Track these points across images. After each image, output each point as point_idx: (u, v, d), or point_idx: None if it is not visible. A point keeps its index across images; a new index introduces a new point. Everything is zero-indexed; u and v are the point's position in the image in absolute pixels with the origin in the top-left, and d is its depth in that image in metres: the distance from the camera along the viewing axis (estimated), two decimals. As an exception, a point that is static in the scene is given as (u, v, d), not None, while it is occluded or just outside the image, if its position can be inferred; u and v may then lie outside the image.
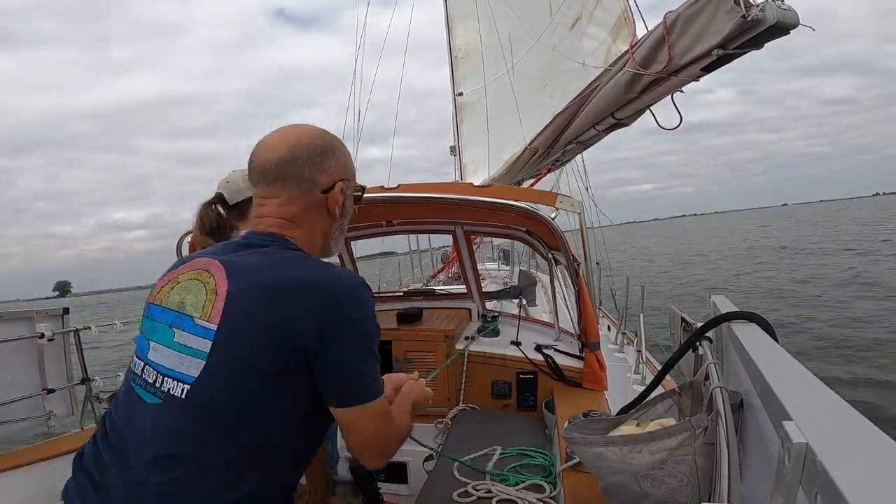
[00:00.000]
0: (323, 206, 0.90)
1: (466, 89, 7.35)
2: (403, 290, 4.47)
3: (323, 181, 0.89)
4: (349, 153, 0.95)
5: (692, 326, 1.22)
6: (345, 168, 0.92)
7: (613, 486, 0.97)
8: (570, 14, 3.99)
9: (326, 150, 0.90)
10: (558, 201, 2.46)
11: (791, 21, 1.71)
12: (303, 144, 0.88)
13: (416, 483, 2.14)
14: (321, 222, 0.91)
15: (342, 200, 0.92)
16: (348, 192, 0.94)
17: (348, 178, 0.93)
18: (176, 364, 0.78)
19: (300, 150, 0.87)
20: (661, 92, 2.28)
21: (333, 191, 0.90)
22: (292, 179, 0.87)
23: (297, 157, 0.87)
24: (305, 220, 0.89)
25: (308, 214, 0.89)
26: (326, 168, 0.89)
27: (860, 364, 6.49)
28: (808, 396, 0.60)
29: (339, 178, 0.90)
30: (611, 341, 3.96)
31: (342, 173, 0.91)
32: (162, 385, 0.78)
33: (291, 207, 0.88)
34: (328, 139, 0.91)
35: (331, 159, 0.90)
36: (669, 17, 2.09)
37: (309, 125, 0.93)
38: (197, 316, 0.80)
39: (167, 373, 0.79)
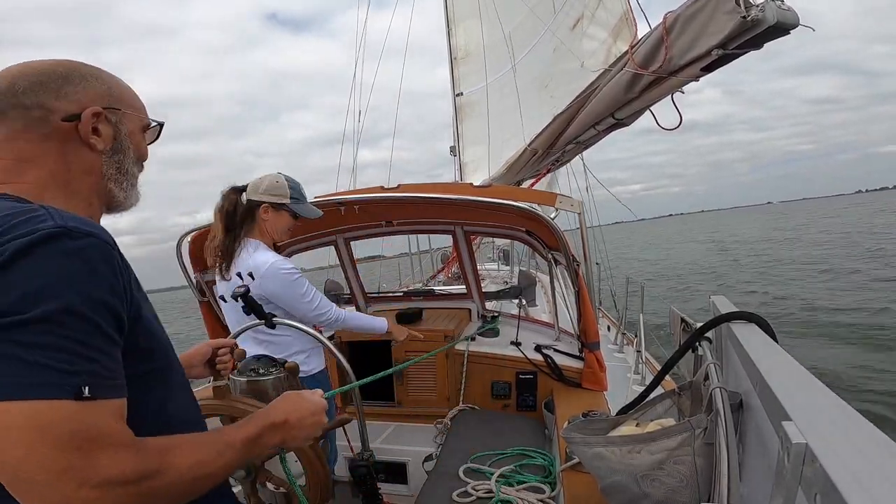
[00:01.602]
0: (71, 138, 0.71)
1: (466, 89, 7.35)
2: (403, 290, 4.47)
3: (61, 107, 0.70)
4: (121, 84, 0.78)
5: (692, 327, 1.23)
6: (105, 95, 0.74)
7: (613, 486, 0.97)
8: (573, 14, 3.99)
9: (68, 74, 0.72)
10: (558, 201, 2.46)
11: (791, 21, 1.71)
12: (28, 73, 0.70)
13: (416, 483, 2.14)
14: (77, 158, 0.72)
15: (108, 131, 0.74)
16: (120, 121, 0.76)
17: (114, 107, 0.75)
18: None
19: (21, 77, 0.69)
20: (662, 92, 2.28)
21: (82, 117, 0.71)
22: (13, 110, 0.68)
23: (15, 84, 0.69)
24: (43, 158, 0.69)
25: (46, 150, 0.69)
26: (68, 93, 0.70)
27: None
28: (808, 397, 0.60)
29: (95, 105, 0.72)
30: (610, 341, 3.96)
31: (100, 100, 0.73)
32: None
33: (19, 143, 0.69)
34: (74, 65, 0.74)
35: (75, 84, 0.71)
36: (669, 17, 2.09)
37: (55, 59, 0.75)
38: None
39: None
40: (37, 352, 0.52)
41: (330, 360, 2.56)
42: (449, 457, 1.94)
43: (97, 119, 0.72)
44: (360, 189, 3.07)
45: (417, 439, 2.36)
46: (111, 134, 0.75)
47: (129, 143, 0.78)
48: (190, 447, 0.64)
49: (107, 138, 0.74)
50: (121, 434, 0.57)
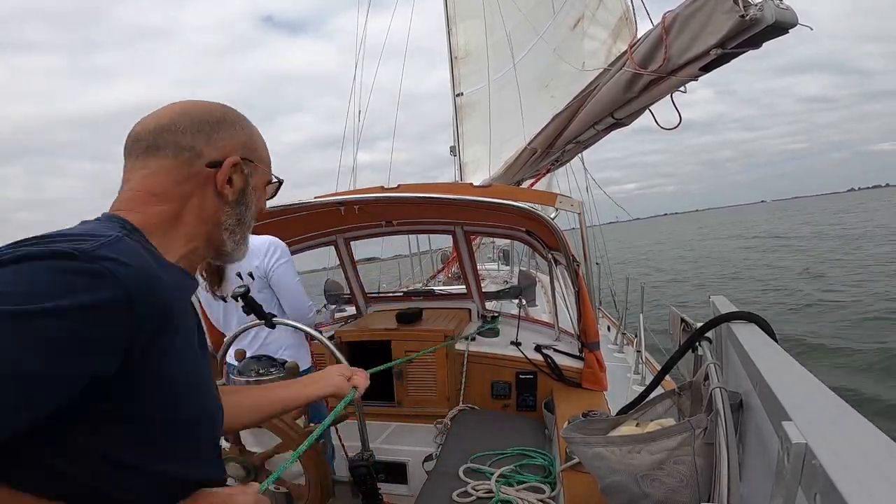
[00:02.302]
0: (209, 183, 0.73)
1: (466, 90, 7.35)
2: (403, 291, 4.47)
3: (209, 153, 0.72)
4: (258, 134, 0.80)
5: (692, 327, 1.22)
6: (246, 146, 0.77)
7: (613, 486, 0.97)
8: (573, 14, 3.99)
9: (220, 120, 0.74)
10: (558, 201, 2.46)
11: (789, 20, 1.71)
12: (188, 111, 0.73)
13: (416, 483, 2.14)
14: (206, 203, 0.73)
15: (239, 182, 0.75)
16: (251, 175, 0.77)
17: (251, 159, 0.77)
18: None
19: (183, 117, 0.72)
20: (661, 91, 2.28)
21: (223, 166, 0.73)
22: (168, 148, 0.70)
23: (177, 123, 0.71)
24: (176, 194, 0.70)
25: (182, 188, 0.71)
26: (217, 139, 0.73)
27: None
28: (808, 397, 0.60)
29: (236, 154, 0.75)
30: (610, 341, 3.96)
31: (240, 150, 0.75)
32: None
33: (160, 178, 0.70)
34: (226, 111, 0.76)
35: (224, 131, 0.74)
36: (668, 17, 2.09)
37: (215, 102, 0.77)
38: None
39: None
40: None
41: (330, 360, 2.56)
42: (449, 457, 1.94)
43: (234, 169, 0.74)
44: (360, 189, 3.07)
45: (417, 439, 2.36)
46: (241, 186, 0.76)
47: (253, 197, 0.79)
48: None
49: (237, 189, 0.75)
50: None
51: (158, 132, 0.71)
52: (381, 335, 2.66)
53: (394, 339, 2.61)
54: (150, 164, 0.71)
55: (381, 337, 2.66)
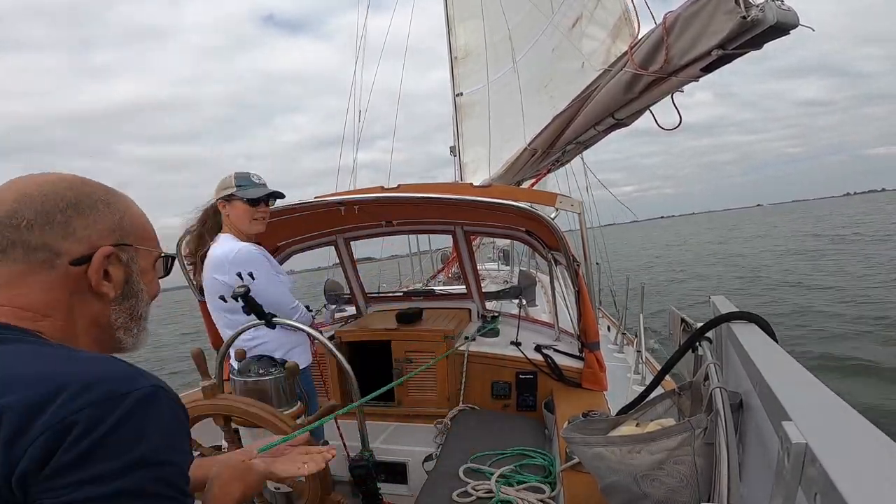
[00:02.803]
0: (81, 284, 0.61)
1: (465, 90, 7.35)
2: (403, 291, 4.47)
3: (69, 248, 0.59)
4: (130, 206, 0.67)
5: (692, 327, 1.23)
6: (116, 227, 0.63)
7: (613, 486, 0.97)
8: (571, 14, 3.98)
9: (75, 203, 0.60)
10: (558, 201, 2.46)
11: (791, 21, 1.71)
12: (31, 199, 0.59)
13: (416, 483, 2.14)
14: (85, 308, 0.62)
15: (119, 274, 0.63)
16: (132, 260, 0.65)
17: (126, 243, 0.64)
18: None
19: (25, 207, 0.58)
20: (661, 92, 2.28)
21: (93, 261, 0.60)
22: (15, 249, 0.58)
23: (18, 215, 0.58)
24: (52, 308, 0.59)
25: (53, 297, 0.59)
26: (75, 228, 0.60)
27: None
28: (808, 397, 0.60)
29: (105, 242, 0.62)
30: (610, 341, 3.96)
31: (109, 235, 0.63)
32: None
33: (20, 290, 0.58)
34: (80, 189, 0.62)
35: (83, 216, 0.61)
36: (669, 18, 2.09)
37: (59, 174, 0.63)
38: None
39: None
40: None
41: (330, 360, 2.56)
42: (449, 457, 1.94)
43: (108, 261, 0.62)
44: (360, 189, 3.07)
45: (417, 439, 2.36)
46: (122, 277, 0.65)
47: (141, 283, 0.68)
48: None
49: (118, 283, 0.64)
50: None
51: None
52: (381, 335, 2.67)
53: (394, 339, 2.61)
54: (1, 273, 0.58)
55: (381, 337, 2.66)
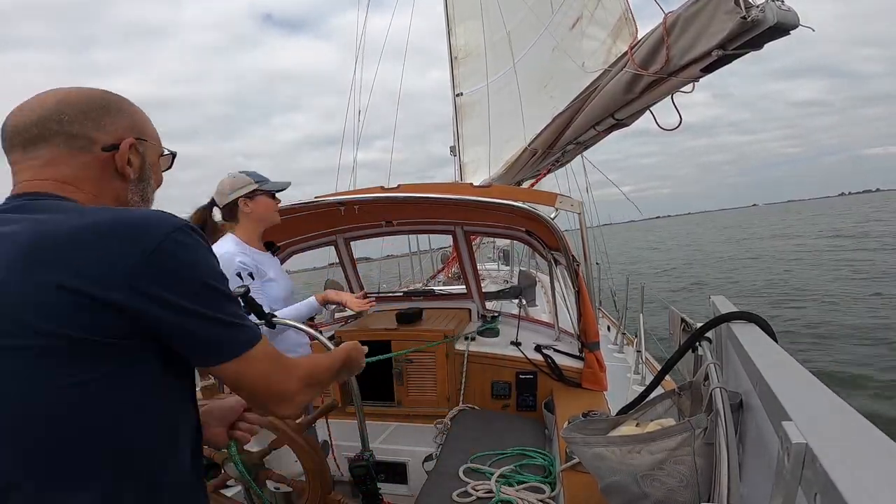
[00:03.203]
0: (107, 167, 0.77)
1: (466, 90, 7.35)
2: (403, 291, 4.47)
3: (102, 138, 0.75)
4: (143, 114, 0.83)
5: (692, 327, 1.23)
6: (134, 126, 0.80)
7: (613, 486, 0.97)
8: (571, 14, 3.98)
9: (106, 105, 0.77)
10: (558, 201, 2.46)
11: (791, 22, 1.71)
12: (70, 100, 0.74)
13: (416, 483, 2.14)
14: (109, 186, 0.77)
15: (137, 161, 0.79)
16: (146, 152, 0.81)
17: (141, 138, 0.81)
18: None
19: (66, 105, 0.73)
20: (662, 92, 2.28)
21: (120, 148, 0.77)
22: (58, 137, 0.73)
23: (62, 111, 0.73)
24: (85, 183, 0.74)
25: (88, 175, 0.75)
26: (106, 125, 0.76)
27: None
28: (808, 397, 0.60)
29: (127, 136, 0.78)
30: (610, 341, 3.96)
31: (131, 131, 0.79)
32: None
33: (62, 167, 0.73)
34: (108, 96, 0.79)
35: (112, 115, 0.77)
36: (669, 18, 2.09)
37: (87, 87, 0.79)
38: None
39: None
40: (238, 312, 0.74)
41: None
42: (449, 457, 1.94)
43: (130, 150, 0.78)
44: (360, 189, 3.07)
45: (417, 439, 2.36)
46: (139, 164, 0.80)
47: (151, 172, 0.84)
48: (318, 362, 0.94)
49: (136, 168, 0.80)
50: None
51: (43, 123, 0.72)
52: (381, 335, 2.67)
53: (394, 340, 2.61)
54: (42, 155, 0.73)
55: (381, 337, 2.66)
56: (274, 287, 1.95)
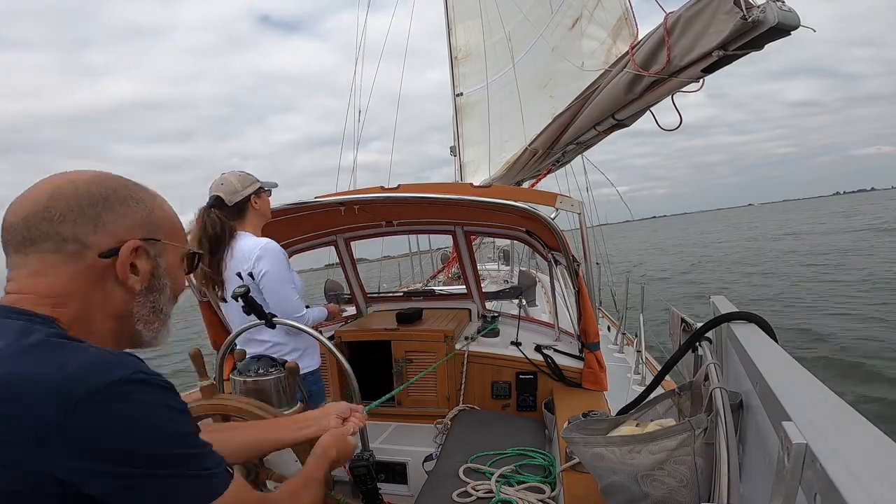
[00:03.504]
0: (106, 276, 0.64)
1: (465, 90, 7.35)
2: (403, 291, 4.47)
3: (99, 241, 0.63)
4: (160, 203, 0.70)
5: (692, 327, 1.23)
6: (145, 223, 0.67)
7: (613, 486, 0.97)
8: (571, 14, 3.98)
9: (105, 198, 0.64)
10: (558, 201, 2.47)
11: (792, 22, 1.71)
12: (65, 193, 0.62)
13: (416, 483, 2.14)
14: (108, 298, 0.65)
15: (147, 267, 0.67)
16: (160, 255, 0.69)
17: (155, 238, 0.68)
18: None
19: (59, 200, 0.62)
20: (662, 93, 2.28)
21: (120, 254, 0.64)
22: (47, 241, 0.61)
23: (50, 209, 0.61)
24: (72, 297, 0.62)
25: (77, 286, 0.62)
26: (104, 223, 0.63)
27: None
28: (808, 397, 0.60)
29: (133, 237, 0.65)
30: (611, 341, 3.96)
31: (138, 230, 0.66)
32: None
33: (47, 277, 0.61)
34: (111, 184, 0.65)
35: (113, 211, 0.64)
36: (670, 18, 2.09)
37: (92, 171, 0.66)
38: None
39: None
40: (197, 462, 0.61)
41: (330, 360, 2.56)
42: (449, 457, 1.94)
43: (136, 254, 0.65)
44: (360, 189, 3.07)
45: (417, 439, 2.36)
46: (149, 270, 0.67)
47: (166, 278, 0.70)
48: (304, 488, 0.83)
49: (144, 276, 0.67)
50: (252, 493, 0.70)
51: (31, 222, 0.61)
52: (381, 335, 2.67)
53: (394, 339, 2.62)
54: (31, 262, 0.62)
55: (381, 337, 2.66)
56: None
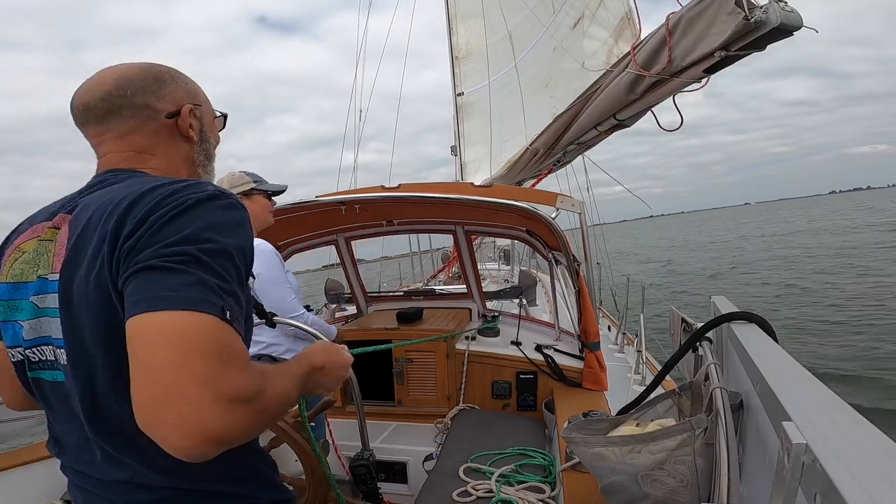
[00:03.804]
0: (173, 132, 0.84)
1: (465, 89, 7.35)
2: (403, 290, 4.47)
3: (164, 106, 0.82)
4: (193, 81, 0.89)
5: (692, 327, 1.23)
6: (189, 93, 0.86)
7: (613, 486, 0.97)
8: (573, 14, 3.98)
9: (160, 77, 0.83)
10: (559, 201, 2.47)
11: (794, 23, 1.70)
12: (129, 76, 0.80)
13: (416, 483, 2.14)
14: (178, 149, 0.85)
15: (196, 125, 0.86)
16: (203, 115, 0.88)
17: (197, 103, 0.87)
18: (50, 329, 0.70)
19: (126, 81, 0.79)
20: (664, 93, 2.28)
21: (181, 114, 0.83)
22: (126, 109, 0.79)
23: (124, 87, 0.79)
24: (158, 149, 0.82)
25: (159, 142, 0.82)
26: (164, 94, 0.82)
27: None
28: (808, 397, 0.60)
29: (186, 102, 0.85)
30: (611, 341, 3.96)
31: (187, 98, 0.85)
32: (59, 358, 0.70)
33: (136, 137, 0.80)
34: (159, 68, 0.84)
35: (168, 86, 0.83)
36: (672, 18, 2.09)
37: (140, 62, 0.85)
38: (45, 273, 0.71)
39: (56, 342, 0.70)
40: (201, 275, 0.60)
41: None
42: (449, 456, 1.94)
43: (192, 114, 0.85)
44: (360, 189, 3.07)
45: (417, 439, 2.36)
46: (199, 126, 0.87)
47: (210, 132, 0.91)
48: (275, 374, 0.69)
49: (197, 130, 0.86)
50: (246, 356, 0.63)
51: (109, 98, 0.78)
52: (382, 335, 2.67)
53: (394, 339, 2.62)
54: (117, 128, 0.79)
55: (381, 336, 2.66)
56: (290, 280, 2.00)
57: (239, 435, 0.57)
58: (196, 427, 0.53)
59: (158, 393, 0.53)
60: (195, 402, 0.53)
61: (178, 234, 0.62)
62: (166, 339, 0.55)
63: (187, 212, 0.64)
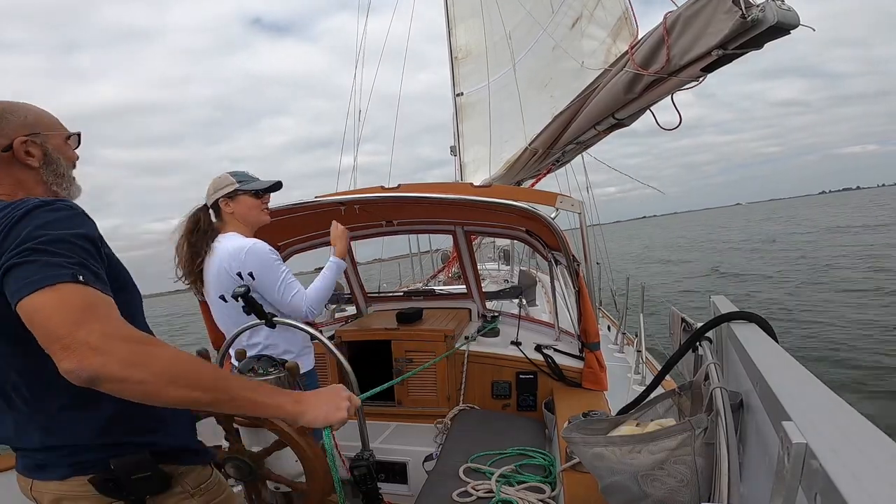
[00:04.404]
0: (12, 162, 0.96)
1: (464, 90, 7.34)
2: (403, 290, 4.47)
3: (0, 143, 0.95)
4: (34, 110, 1.01)
5: (692, 327, 1.22)
6: (25, 125, 0.98)
7: (613, 486, 0.97)
8: (571, 14, 3.98)
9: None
10: (558, 201, 2.46)
11: (791, 21, 1.70)
12: None
13: (416, 483, 2.14)
14: (23, 176, 0.98)
15: (38, 151, 0.98)
16: (45, 141, 1.00)
17: (37, 132, 0.99)
18: None
19: None
20: (662, 92, 2.28)
21: (14, 147, 0.95)
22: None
23: None
24: (2, 179, 0.96)
25: (2, 173, 0.96)
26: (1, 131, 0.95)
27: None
28: (808, 397, 0.60)
29: (19, 135, 0.96)
30: (611, 341, 3.96)
31: (22, 130, 0.97)
32: None
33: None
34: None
35: (1, 123, 0.95)
36: (670, 17, 2.09)
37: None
38: None
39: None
40: (45, 259, 0.78)
41: (330, 360, 2.56)
42: (449, 457, 1.94)
43: (25, 144, 0.97)
44: (360, 189, 3.07)
45: (417, 439, 2.36)
46: (40, 153, 0.99)
47: (57, 154, 1.02)
48: (232, 378, 0.94)
49: (38, 157, 0.99)
50: (112, 306, 0.81)
51: None
52: (382, 335, 2.67)
53: (394, 339, 2.62)
54: None
55: (381, 337, 2.66)
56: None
57: (118, 367, 0.74)
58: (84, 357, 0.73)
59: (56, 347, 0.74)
60: (77, 344, 0.73)
61: (18, 238, 0.80)
62: (46, 311, 0.75)
63: (19, 221, 0.82)
